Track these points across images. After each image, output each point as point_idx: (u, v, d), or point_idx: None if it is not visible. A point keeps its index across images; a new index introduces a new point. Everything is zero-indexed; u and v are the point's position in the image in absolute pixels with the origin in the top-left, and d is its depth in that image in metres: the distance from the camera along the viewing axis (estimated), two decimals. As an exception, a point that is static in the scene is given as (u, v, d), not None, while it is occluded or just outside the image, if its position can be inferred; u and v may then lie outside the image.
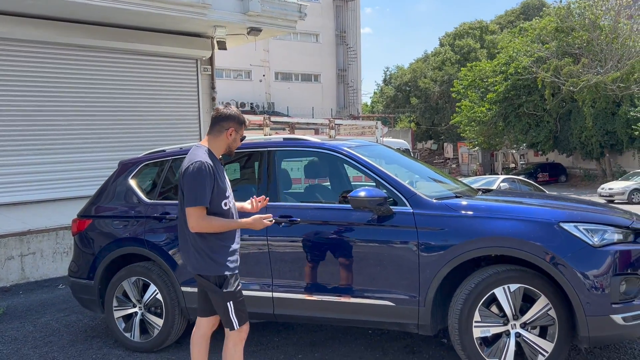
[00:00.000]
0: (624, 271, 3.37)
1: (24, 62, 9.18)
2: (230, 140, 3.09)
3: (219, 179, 3.03)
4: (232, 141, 3.10)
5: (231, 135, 3.08)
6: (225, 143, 3.09)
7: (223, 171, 3.13)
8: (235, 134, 3.09)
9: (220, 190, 3.03)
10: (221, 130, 3.07)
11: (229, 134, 3.07)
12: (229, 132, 3.07)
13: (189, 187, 2.94)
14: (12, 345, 4.75)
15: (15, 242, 6.81)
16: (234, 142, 3.11)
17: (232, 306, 3.06)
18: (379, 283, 3.71)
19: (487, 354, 3.46)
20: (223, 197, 3.05)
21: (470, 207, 3.74)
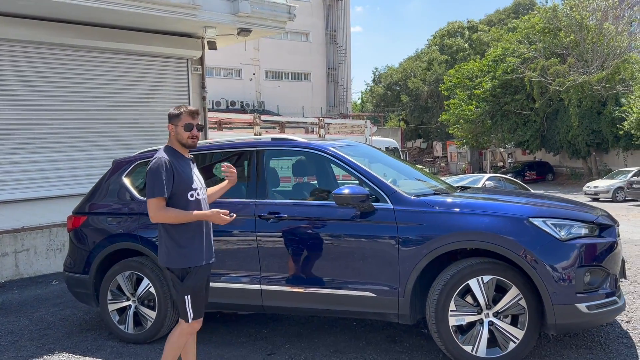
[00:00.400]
0: (589, 263, 3.62)
1: (15, 61, 9.27)
2: (175, 135, 3.29)
3: (181, 172, 3.23)
4: (177, 134, 3.28)
5: (173, 132, 3.30)
6: (174, 138, 3.31)
7: (189, 166, 3.33)
8: (175, 127, 3.28)
9: (184, 182, 3.23)
10: (168, 132, 3.36)
11: (171, 130, 3.31)
12: (170, 129, 3.32)
13: (148, 181, 3.20)
14: (9, 338, 4.91)
15: (10, 239, 6.94)
16: (178, 134, 3.28)
17: (190, 300, 3.23)
18: (361, 275, 3.93)
19: (461, 341, 3.69)
20: (188, 189, 3.24)
21: (447, 203, 3.97)
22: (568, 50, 28.99)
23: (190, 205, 3.24)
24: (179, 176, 3.22)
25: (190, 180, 3.28)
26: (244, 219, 4.25)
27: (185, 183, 3.25)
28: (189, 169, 3.33)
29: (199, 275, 3.26)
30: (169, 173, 3.18)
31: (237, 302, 4.35)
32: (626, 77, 28.40)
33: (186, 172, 3.28)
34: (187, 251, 3.24)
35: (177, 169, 3.22)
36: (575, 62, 28.21)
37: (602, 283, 3.65)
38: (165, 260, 3.28)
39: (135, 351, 4.40)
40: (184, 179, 3.25)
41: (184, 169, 3.27)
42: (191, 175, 3.31)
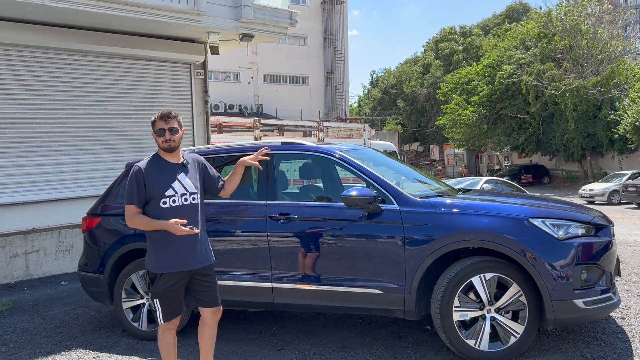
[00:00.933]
0: (586, 261, 3.81)
1: (23, 66, 9.46)
2: (156, 140, 3.37)
3: (154, 180, 3.29)
4: (156, 140, 3.38)
5: (154, 136, 3.40)
6: (158, 144, 3.39)
7: (170, 172, 3.35)
8: (155, 135, 3.37)
9: (155, 189, 3.29)
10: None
11: (153, 136, 3.41)
12: (153, 135, 3.42)
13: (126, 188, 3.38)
14: (25, 336, 5.07)
15: (20, 240, 7.10)
16: (156, 140, 3.37)
17: (158, 303, 3.38)
18: (369, 273, 4.11)
19: (465, 335, 3.87)
20: (161, 196, 3.28)
21: (450, 204, 4.16)
22: (563, 55, 29.31)
23: (164, 212, 3.28)
24: (151, 184, 3.30)
25: (165, 188, 3.30)
26: (255, 219, 4.44)
27: (157, 190, 3.30)
28: (170, 175, 3.35)
29: (168, 282, 3.33)
30: (138, 181, 3.29)
31: (249, 300, 4.52)
32: (621, 81, 28.73)
33: (162, 179, 3.32)
34: (158, 257, 3.35)
35: (149, 177, 3.30)
36: (571, 67, 28.52)
37: (598, 280, 3.85)
38: (145, 262, 3.46)
39: (150, 347, 4.56)
40: (156, 187, 3.30)
41: (159, 176, 3.32)
42: (169, 182, 3.33)
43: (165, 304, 3.40)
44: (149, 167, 3.36)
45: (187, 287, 3.48)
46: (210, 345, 3.61)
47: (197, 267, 3.40)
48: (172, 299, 3.40)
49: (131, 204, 3.33)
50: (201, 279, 3.45)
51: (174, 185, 3.35)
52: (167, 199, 3.32)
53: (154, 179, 3.32)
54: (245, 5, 10.50)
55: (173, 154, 3.43)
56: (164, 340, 3.51)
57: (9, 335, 5.08)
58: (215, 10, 10.26)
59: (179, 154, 3.47)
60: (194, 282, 3.45)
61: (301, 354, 4.28)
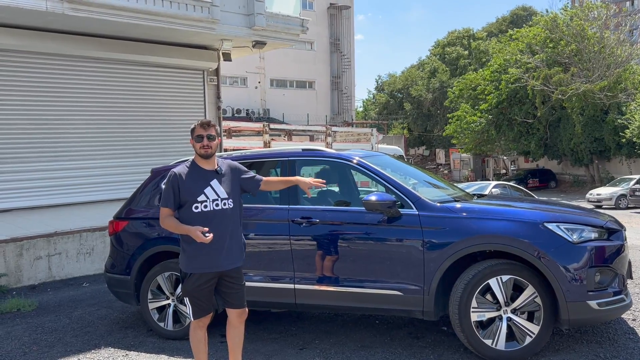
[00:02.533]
0: (599, 264, 3.96)
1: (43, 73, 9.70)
2: (194, 146, 3.56)
3: (189, 186, 3.48)
4: (193, 146, 3.56)
5: (192, 144, 3.59)
6: (195, 150, 3.58)
7: (204, 179, 3.53)
8: (193, 142, 3.56)
9: (188, 195, 3.47)
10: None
11: (191, 143, 3.60)
12: (191, 143, 3.60)
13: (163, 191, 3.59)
14: (54, 335, 5.25)
15: (43, 243, 7.30)
16: (194, 146, 3.56)
17: (189, 302, 3.57)
18: (389, 275, 4.27)
19: (482, 335, 4.02)
20: (193, 201, 3.47)
21: (467, 209, 4.32)
22: (570, 59, 29.40)
23: (195, 216, 3.46)
24: (184, 189, 3.48)
25: (197, 193, 3.48)
26: (278, 223, 4.62)
27: (190, 196, 3.48)
28: (203, 181, 3.52)
29: (197, 282, 3.50)
30: (173, 186, 3.49)
31: (272, 301, 4.69)
32: (628, 85, 28.79)
33: (196, 185, 3.50)
34: (189, 257, 3.52)
35: (183, 182, 3.49)
36: (578, 71, 28.60)
37: (611, 282, 4.00)
38: (179, 261, 3.64)
39: (176, 346, 4.74)
40: (189, 192, 3.48)
41: (193, 182, 3.51)
42: (202, 188, 3.50)
43: (195, 302, 3.57)
44: (184, 172, 3.56)
45: (216, 288, 3.65)
46: (237, 344, 3.77)
47: (224, 269, 3.56)
48: (201, 298, 3.57)
49: (165, 206, 3.54)
50: (229, 281, 3.61)
51: (206, 191, 3.52)
52: (199, 204, 3.50)
53: (188, 184, 3.52)
54: (258, 13, 10.71)
55: (208, 161, 3.61)
56: (195, 337, 3.69)
57: (38, 335, 5.27)
58: (229, 18, 10.47)
59: (214, 161, 3.64)
60: (223, 283, 3.62)
61: (322, 353, 4.44)
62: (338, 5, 43.34)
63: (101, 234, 7.76)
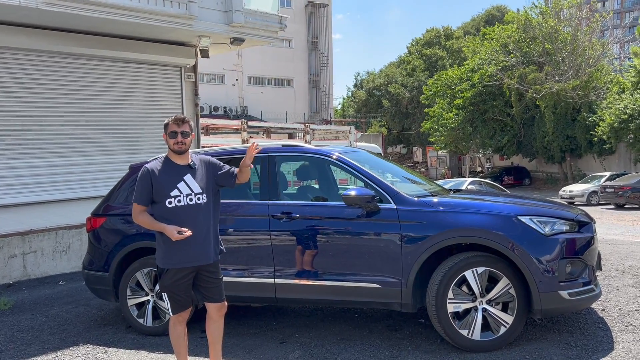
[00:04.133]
0: (570, 255, 4.10)
1: (16, 69, 9.49)
2: (168, 142, 3.56)
3: (161, 181, 3.49)
4: (167, 142, 3.56)
5: (165, 139, 3.60)
6: (169, 146, 3.58)
7: (177, 174, 3.54)
8: (167, 137, 3.56)
9: (162, 190, 3.49)
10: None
11: (164, 139, 3.61)
12: (164, 138, 3.61)
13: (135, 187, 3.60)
14: (31, 333, 5.20)
15: (18, 241, 7.19)
16: (167, 142, 3.56)
17: (167, 297, 3.60)
18: (368, 268, 4.34)
19: (458, 326, 4.12)
20: (166, 196, 3.48)
21: (444, 203, 4.42)
22: (544, 59, 29.96)
23: (167, 211, 3.49)
24: (157, 184, 3.50)
25: (170, 188, 3.50)
26: (258, 218, 4.65)
27: (163, 191, 3.50)
28: (177, 176, 3.54)
29: (174, 277, 3.53)
30: (146, 182, 3.50)
31: (253, 295, 4.72)
32: (599, 84, 29.47)
33: (169, 180, 3.51)
34: (165, 253, 3.55)
35: (156, 178, 3.51)
36: (552, 70, 29.16)
37: (581, 273, 4.14)
38: (156, 257, 3.66)
39: (156, 342, 4.74)
40: (162, 187, 3.50)
41: (167, 177, 3.52)
42: (175, 183, 3.51)
43: (173, 297, 3.60)
44: (157, 168, 3.56)
45: (194, 283, 3.66)
46: (217, 338, 3.80)
47: (200, 263, 3.58)
48: (179, 293, 3.59)
49: (138, 202, 3.56)
50: (207, 275, 3.64)
51: (179, 186, 3.54)
52: (172, 199, 3.51)
53: (161, 179, 3.52)
54: (236, 9, 10.67)
55: (182, 156, 3.62)
56: (174, 333, 3.71)
57: (14, 333, 5.21)
58: (207, 14, 10.41)
59: (187, 156, 3.65)
60: (200, 278, 3.64)
61: (303, 347, 4.49)
62: (316, 3, 43.35)
63: (77, 232, 7.67)
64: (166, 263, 3.55)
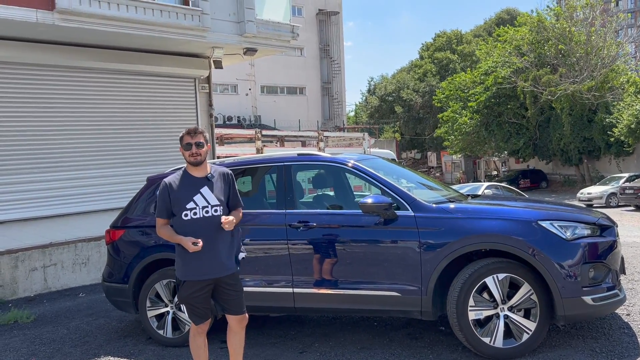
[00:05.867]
0: (592, 260, 4.03)
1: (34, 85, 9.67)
2: (184, 155, 3.59)
3: (177, 193, 3.52)
4: (183, 154, 3.59)
5: (181, 152, 3.61)
6: (185, 158, 3.61)
7: (194, 187, 3.55)
8: (182, 150, 3.58)
9: (178, 203, 3.51)
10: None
11: (181, 151, 3.63)
12: (180, 151, 3.63)
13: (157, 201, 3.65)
14: (53, 346, 5.24)
15: (39, 254, 7.28)
16: (183, 154, 3.58)
17: (186, 309, 3.66)
18: (387, 277, 4.31)
19: (480, 333, 4.07)
20: (182, 209, 3.51)
21: (462, 209, 4.38)
22: (558, 60, 29.68)
23: (184, 224, 3.52)
24: (174, 198, 3.53)
25: (186, 201, 3.51)
26: (275, 228, 4.65)
27: (180, 204, 3.52)
28: (193, 189, 3.55)
29: (191, 289, 3.55)
30: (164, 196, 3.55)
31: (271, 305, 4.72)
32: (615, 85, 29.10)
33: (185, 193, 3.53)
34: (183, 265, 3.59)
35: (173, 191, 3.54)
36: (567, 72, 28.86)
37: (605, 278, 4.07)
38: (175, 269, 3.69)
39: (176, 353, 4.75)
40: (179, 200, 3.53)
41: (184, 190, 3.54)
42: (191, 196, 3.52)
43: (191, 309, 3.63)
44: (174, 181, 3.60)
45: (214, 295, 3.67)
46: (238, 350, 3.79)
47: (218, 275, 3.57)
48: (197, 305, 3.61)
49: (159, 216, 3.63)
50: (226, 287, 3.63)
51: (195, 198, 3.54)
52: (188, 212, 3.53)
53: (178, 193, 3.55)
54: (249, 20, 10.76)
55: (199, 168, 3.62)
56: (194, 344, 3.73)
57: (37, 346, 5.25)
58: (220, 25, 10.51)
59: (205, 168, 3.64)
60: (219, 290, 3.64)
61: (322, 356, 4.46)
62: (327, 12, 43.55)
63: (96, 244, 7.75)
64: (184, 275, 3.58)
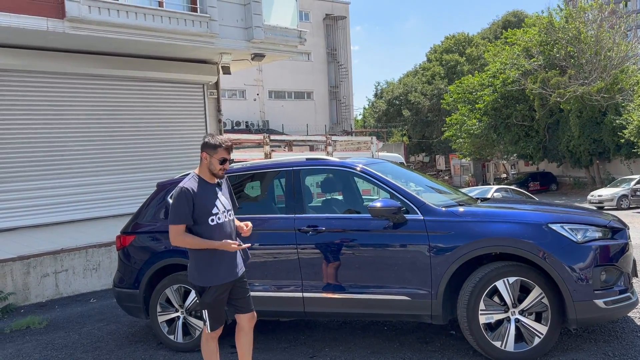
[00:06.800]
0: (604, 263, 4.00)
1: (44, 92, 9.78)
2: (207, 164, 3.56)
3: (202, 199, 3.50)
4: (209, 164, 3.55)
5: (206, 160, 3.56)
6: (205, 167, 3.57)
7: (214, 192, 3.59)
8: (210, 158, 3.54)
9: (204, 209, 3.51)
10: (200, 157, 3.62)
11: (205, 159, 3.57)
12: (204, 157, 3.58)
13: (171, 208, 3.55)
14: (65, 351, 5.28)
15: (50, 260, 7.33)
16: (211, 165, 3.55)
17: (207, 313, 3.62)
18: (396, 281, 4.30)
19: (491, 337, 4.05)
20: (208, 214, 3.51)
21: (472, 213, 4.37)
22: (567, 62, 29.52)
23: (211, 229, 3.53)
24: (199, 204, 3.49)
25: (211, 206, 3.54)
26: (284, 232, 4.66)
27: (205, 209, 3.52)
28: (213, 195, 3.59)
29: (217, 292, 3.58)
30: (189, 202, 3.46)
31: (281, 310, 4.72)
32: (625, 86, 28.89)
33: (208, 198, 3.55)
34: (205, 272, 3.57)
35: (197, 198, 3.49)
36: (576, 74, 28.69)
37: (617, 281, 4.03)
38: (189, 276, 3.68)
39: (187, 358, 4.77)
40: (204, 206, 3.52)
41: (206, 196, 3.55)
42: (213, 201, 3.56)
43: (213, 313, 3.65)
44: (194, 187, 3.55)
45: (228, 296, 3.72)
46: (248, 350, 3.82)
47: (239, 275, 3.69)
48: (219, 308, 3.67)
49: (179, 223, 3.49)
50: (239, 286, 3.73)
51: (217, 204, 3.60)
52: (214, 217, 3.57)
53: (202, 199, 3.54)
54: (257, 26, 10.82)
55: (213, 177, 3.65)
56: (207, 348, 3.75)
57: (49, 352, 5.29)
58: (228, 32, 10.58)
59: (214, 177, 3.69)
60: (234, 290, 3.71)
61: (333, 361, 4.46)
62: (334, 16, 43.63)
63: (107, 250, 7.80)
64: (209, 281, 3.57)
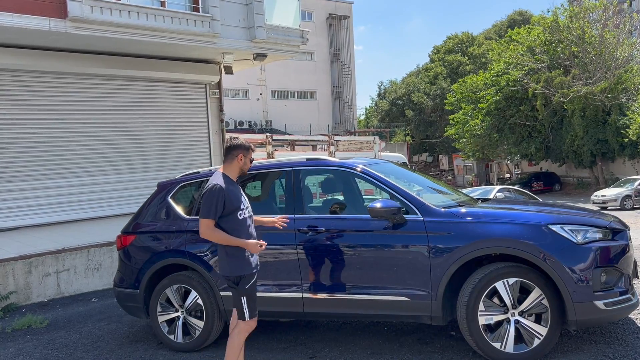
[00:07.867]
0: (604, 264, 3.98)
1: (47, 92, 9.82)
2: (242, 164, 3.84)
3: (232, 197, 3.71)
4: (243, 164, 3.84)
5: (241, 160, 3.83)
6: (237, 167, 3.83)
7: (239, 190, 3.84)
8: (245, 158, 3.84)
9: (234, 204, 3.72)
10: (233, 157, 3.83)
11: (239, 159, 3.83)
12: (239, 158, 3.83)
13: (203, 203, 3.73)
14: (65, 351, 5.29)
15: (52, 259, 7.35)
16: (244, 165, 3.85)
17: (245, 301, 3.74)
18: (396, 281, 4.30)
19: (491, 338, 4.04)
20: (237, 210, 3.73)
21: (472, 213, 4.35)
22: (571, 62, 29.42)
23: (239, 223, 3.75)
24: (230, 200, 3.70)
25: (239, 202, 3.77)
26: (284, 233, 4.65)
27: (235, 205, 3.74)
28: (239, 192, 3.83)
29: (251, 279, 3.76)
30: (221, 199, 3.66)
31: (281, 310, 4.72)
32: (629, 86, 28.78)
33: (237, 195, 3.78)
34: (239, 262, 3.75)
35: (229, 194, 3.71)
36: (580, 73, 28.59)
37: (617, 282, 4.02)
38: (222, 269, 3.84)
39: (187, 358, 4.77)
40: (234, 201, 3.73)
41: (235, 193, 3.78)
42: (239, 198, 3.79)
43: (251, 300, 3.76)
44: (223, 184, 3.73)
45: None
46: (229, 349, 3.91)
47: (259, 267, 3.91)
48: (255, 296, 3.81)
49: (210, 218, 3.68)
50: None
51: (242, 200, 3.83)
52: (242, 212, 3.79)
53: (232, 195, 3.74)
54: (259, 26, 10.83)
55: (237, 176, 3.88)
56: (238, 342, 3.81)
57: (49, 351, 5.30)
58: (230, 32, 10.59)
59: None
60: None
61: (332, 361, 4.46)
62: (337, 16, 43.63)
63: (108, 249, 7.81)
64: (244, 269, 3.73)
